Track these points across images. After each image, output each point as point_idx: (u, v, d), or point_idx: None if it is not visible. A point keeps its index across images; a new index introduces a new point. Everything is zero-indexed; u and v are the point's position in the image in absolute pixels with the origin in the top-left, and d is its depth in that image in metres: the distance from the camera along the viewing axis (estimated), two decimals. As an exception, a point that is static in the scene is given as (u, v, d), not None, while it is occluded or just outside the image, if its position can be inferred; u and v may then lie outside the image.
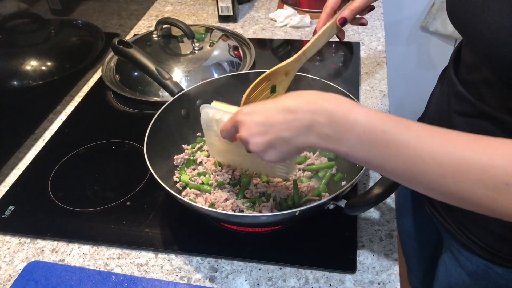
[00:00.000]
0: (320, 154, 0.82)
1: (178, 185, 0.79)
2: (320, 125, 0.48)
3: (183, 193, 0.77)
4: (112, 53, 1.17)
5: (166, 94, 0.88)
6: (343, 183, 0.76)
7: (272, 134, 0.51)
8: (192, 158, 0.83)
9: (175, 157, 0.82)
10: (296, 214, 0.62)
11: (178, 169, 0.82)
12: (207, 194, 0.76)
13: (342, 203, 0.63)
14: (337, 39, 0.84)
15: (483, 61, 0.61)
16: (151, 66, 0.87)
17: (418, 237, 1.00)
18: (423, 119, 0.89)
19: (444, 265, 0.83)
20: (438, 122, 0.77)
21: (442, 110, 0.74)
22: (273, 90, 0.81)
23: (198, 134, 0.88)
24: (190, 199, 0.74)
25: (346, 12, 0.78)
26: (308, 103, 0.49)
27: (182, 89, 0.84)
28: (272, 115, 0.51)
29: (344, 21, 0.78)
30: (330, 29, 0.79)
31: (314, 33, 0.80)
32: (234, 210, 0.73)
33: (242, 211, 0.72)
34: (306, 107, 0.49)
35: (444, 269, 0.83)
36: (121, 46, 0.91)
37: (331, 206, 0.64)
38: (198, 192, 0.76)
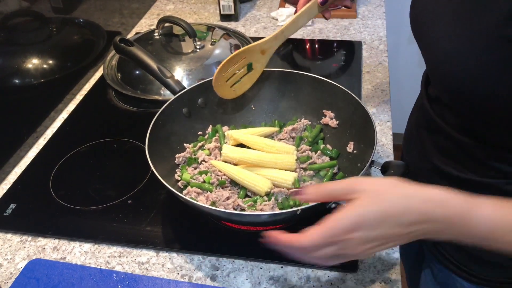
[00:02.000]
0: (321, 153, 0.82)
1: (179, 183, 0.79)
2: (438, 232, 0.48)
3: (185, 191, 0.77)
4: (113, 52, 1.17)
5: (168, 92, 0.87)
6: (345, 182, 0.76)
7: (386, 245, 0.50)
8: (193, 156, 0.83)
9: (177, 155, 0.82)
10: (298, 213, 0.62)
11: (179, 167, 0.82)
12: (209, 192, 0.76)
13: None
14: (338, 38, 0.84)
15: (431, 74, 0.61)
16: (153, 65, 0.87)
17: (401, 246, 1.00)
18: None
19: (424, 275, 0.85)
20: (410, 135, 0.78)
21: (414, 123, 0.75)
22: (249, 68, 0.83)
23: (199, 132, 0.88)
24: (191, 198, 0.74)
25: None
26: (419, 214, 0.47)
27: (184, 88, 0.84)
28: (386, 232, 0.48)
29: (325, 0, 0.78)
30: (311, 8, 0.79)
31: (296, 12, 0.80)
32: (235, 209, 0.73)
33: (243, 209, 0.72)
34: (419, 218, 0.47)
35: (424, 278, 0.84)
36: (122, 45, 0.91)
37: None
38: (199, 190, 0.76)
